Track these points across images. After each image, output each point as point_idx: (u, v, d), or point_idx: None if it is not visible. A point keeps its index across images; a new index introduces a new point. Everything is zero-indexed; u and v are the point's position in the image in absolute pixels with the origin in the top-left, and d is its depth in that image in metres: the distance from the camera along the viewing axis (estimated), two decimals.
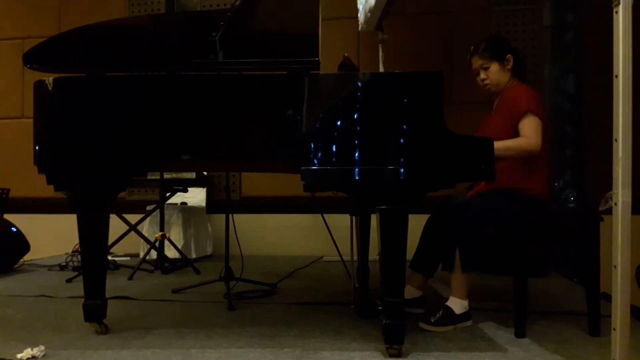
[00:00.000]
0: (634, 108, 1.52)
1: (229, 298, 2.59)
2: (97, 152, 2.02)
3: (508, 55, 2.33)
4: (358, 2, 4.15)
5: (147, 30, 2.50)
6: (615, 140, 1.53)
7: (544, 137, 2.21)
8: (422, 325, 2.17)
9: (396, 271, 1.85)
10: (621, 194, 1.51)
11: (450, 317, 2.17)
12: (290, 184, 3.77)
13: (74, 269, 3.66)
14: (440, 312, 2.18)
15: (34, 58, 2.14)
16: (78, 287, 2.49)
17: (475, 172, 1.91)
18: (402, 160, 1.83)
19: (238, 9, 2.22)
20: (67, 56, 2.21)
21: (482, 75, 2.38)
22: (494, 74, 2.35)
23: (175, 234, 4.11)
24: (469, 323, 2.21)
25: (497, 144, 1.96)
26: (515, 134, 2.22)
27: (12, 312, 2.52)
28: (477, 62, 2.38)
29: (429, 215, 2.44)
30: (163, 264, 3.64)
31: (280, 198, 4.57)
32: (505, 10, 4.37)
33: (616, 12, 1.52)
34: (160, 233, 3.64)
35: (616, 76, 1.52)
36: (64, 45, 2.25)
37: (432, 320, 2.16)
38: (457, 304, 2.19)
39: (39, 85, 2.09)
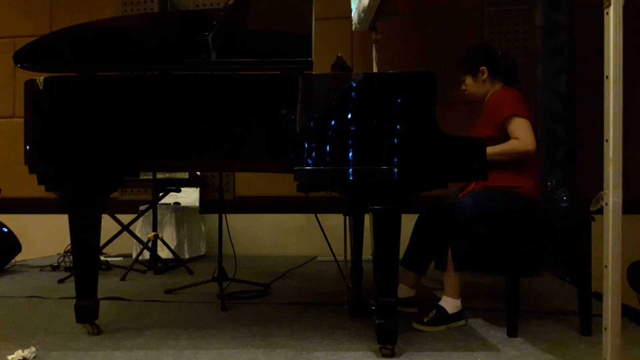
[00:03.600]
0: (625, 109, 1.53)
1: (222, 298, 2.58)
2: (88, 152, 2.01)
3: (481, 68, 2.38)
4: (352, 2, 4.15)
5: (139, 30, 2.49)
6: (606, 140, 1.53)
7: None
8: (415, 325, 2.17)
9: (389, 271, 1.86)
10: (612, 194, 1.52)
11: (443, 317, 2.18)
12: (283, 184, 3.76)
13: (66, 269, 3.63)
14: (433, 311, 2.19)
15: (25, 57, 2.12)
16: (70, 288, 2.48)
17: (468, 172, 1.92)
18: (395, 160, 1.84)
19: (231, 8, 2.21)
20: (59, 55, 2.20)
21: (462, 87, 2.48)
22: (469, 86, 2.45)
23: (168, 234, 4.09)
24: (462, 322, 2.22)
25: (491, 149, 1.99)
26: (500, 137, 2.24)
27: (3, 313, 2.50)
28: (458, 74, 2.47)
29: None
30: (156, 265, 3.63)
31: (273, 198, 4.56)
32: (498, 11, 4.39)
33: (607, 13, 1.52)
34: (153, 233, 3.62)
35: (607, 77, 1.53)
36: (55, 45, 2.23)
37: (425, 320, 2.17)
38: (449, 304, 2.20)
39: (30, 85, 2.07)
